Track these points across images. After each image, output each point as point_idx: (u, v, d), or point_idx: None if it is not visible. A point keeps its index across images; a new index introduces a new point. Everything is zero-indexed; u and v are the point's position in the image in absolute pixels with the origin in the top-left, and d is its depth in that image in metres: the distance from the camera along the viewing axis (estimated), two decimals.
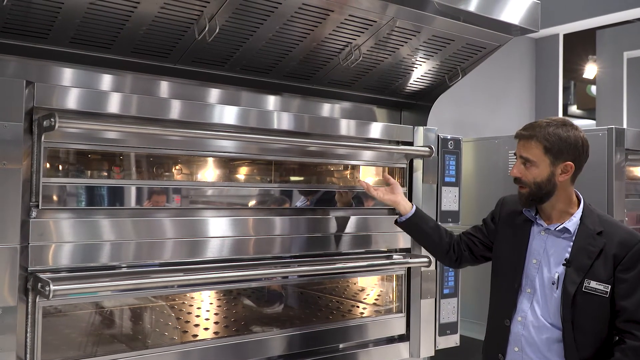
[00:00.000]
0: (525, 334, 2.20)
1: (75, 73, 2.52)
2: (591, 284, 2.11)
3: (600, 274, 2.11)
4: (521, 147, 2.20)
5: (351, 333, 2.93)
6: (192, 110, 2.46)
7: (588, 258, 2.13)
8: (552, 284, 2.18)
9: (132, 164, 2.60)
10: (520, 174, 2.19)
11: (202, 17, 2.38)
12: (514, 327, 2.24)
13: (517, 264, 2.26)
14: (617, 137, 3.78)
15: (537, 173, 2.16)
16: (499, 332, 2.29)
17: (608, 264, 2.11)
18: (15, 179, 2.04)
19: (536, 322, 2.19)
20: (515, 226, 2.33)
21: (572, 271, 2.13)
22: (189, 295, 3.04)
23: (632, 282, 2.10)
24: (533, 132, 2.18)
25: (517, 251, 2.28)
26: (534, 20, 2.96)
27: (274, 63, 2.82)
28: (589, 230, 2.17)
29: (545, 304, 2.19)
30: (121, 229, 2.28)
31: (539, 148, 2.15)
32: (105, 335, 2.61)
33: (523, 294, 2.25)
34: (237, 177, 3.06)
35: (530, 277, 2.24)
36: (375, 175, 3.34)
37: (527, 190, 2.19)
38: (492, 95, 5.42)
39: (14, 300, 2.03)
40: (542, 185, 2.16)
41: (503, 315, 2.28)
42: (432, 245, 2.60)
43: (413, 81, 3.27)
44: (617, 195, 3.77)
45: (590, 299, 2.11)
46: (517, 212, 2.34)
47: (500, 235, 2.39)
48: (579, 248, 2.16)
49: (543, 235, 2.25)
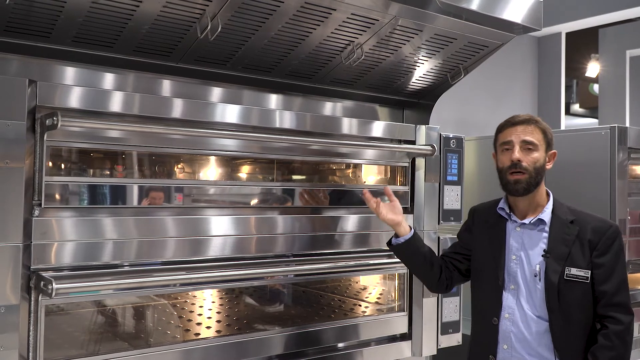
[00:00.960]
0: (515, 330, 2.22)
1: (78, 72, 2.52)
2: (572, 271, 2.16)
3: (579, 260, 2.16)
4: (522, 132, 2.23)
5: (353, 332, 2.93)
6: (194, 109, 2.47)
7: (565, 246, 2.18)
8: (534, 276, 2.21)
9: (135, 162, 2.60)
10: (522, 158, 2.20)
11: (204, 15, 2.38)
12: (502, 325, 2.26)
13: (497, 263, 2.29)
14: (620, 136, 3.78)
15: (537, 157, 2.22)
16: (486, 332, 2.30)
17: (585, 250, 2.17)
18: (18, 177, 2.04)
19: (524, 317, 2.21)
20: (491, 228, 2.36)
21: (552, 261, 2.18)
22: (191, 293, 3.04)
23: (608, 266, 2.15)
24: (531, 118, 2.26)
25: (496, 250, 2.30)
26: (537, 18, 2.96)
27: (276, 62, 2.82)
28: (562, 219, 2.23)
29: (531, 298, 2.21)
30: (123, 228, 2.29)
31: (539, 133, 2.24)
32: (108, 334, 2.61)
33: (507, 291, 2.27)
34: (239, 175, 3.07)
35: (512, 273, 2.26)
36: (377, 174, 3.34)
37: (526, 176, 2.20)
38: (494, 94, 5.41)
39: (17, 299, 2.03)
40: (540, 171, 2.22)
41: (490, 315, 2.29)
42: (425, 272, 2.49)
43: (415, 80, 3.27)
44: (619, 193, 3.76)
45: (573, 286, 2.15)
46: (490, 215, 2.38)
47: (478, 240, 2.41)
48: (555, 238, 2.21)
49: (519, 231, 2.28)
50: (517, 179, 2.21)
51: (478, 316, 2.38)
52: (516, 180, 2.21)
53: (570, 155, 4.07)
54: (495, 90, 5.41)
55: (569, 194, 4.04)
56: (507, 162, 2.24)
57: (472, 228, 2.47)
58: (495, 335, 2.26)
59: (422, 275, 2.55)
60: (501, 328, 2.26)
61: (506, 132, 2.27)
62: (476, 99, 5.17)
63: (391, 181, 3.24)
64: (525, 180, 2.20)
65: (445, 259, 2.52)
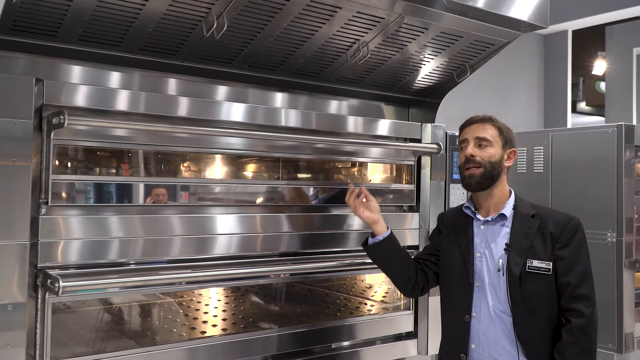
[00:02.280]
0: (482, 329, 2.23)
1: (84, 70, 2.53)
2: (534, 263, 2.18)
3: (541, 253, 2.18)
4: (475, 129, 2.30)
5: (359, 330, 2.93)
6: (200, 107, 2.47)
7: (526, 239, 2.21)
8: (497, 271, 2.22)
9: (141, 161, 2.61)
10: (475, 154, 2.26)
11: (210, 14, 2.38)
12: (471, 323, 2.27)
13: (465, 261, 2.31)
14: (627, 134, 3.76)
15: (492, 152, 2.27)
16: (458, 330, 2.30)
17: (547, 242, 2.19)
18: (25, 176, 2.05)
19: (489, 314, 2.22)
20: (458, 228, 2.38)
21: (514, 254, 2.20)
22: (197, 292, 3.05)
23: (570, 259, 2.18)
24: (487, 117, 2.34)
25: (464, 249, 2.33)
26: (543, 16, 2.95)
27: (282, 60, 2.82)
28: (523, 214, 2.26)
29: (495, 294, 2.22)
30: (129, 226, 2.29)
31: (494, 130, 2.30)
32: (114, 332, 2.62)
33: (473, 288, 2.28)
34: (244, 174, 3.07)
35: (477, 271, 2.28)
36: (383, 172, 3.34)
37: (481, 170, 2.25)
38: (500, 92, 5.40)
39: (24, 297, 2.04)
40: (495, 166, 2.26)
41: (461, 313, 2.29)
42: (401, 274, 2.44)
43: (421, 78, 3.26)
44: (626, 192, 3.75)
45: (536, 279, 2.17)
46: (457, 216, 2.42)
47: (446, 241, 2.43)
48: (516, 232, 2.23)
49: (483, 228, 2.31)
50: (471, 173, 2.27)
51: (448, 316, 2.38)
52: (470, 175, 2.27)
53: (577, 153, 4.06)
54: (501, 89, 5.40)
55: (575, 193, 4.04)
56: (462, 158, 2.32)
57: (441, 229, 2.48)
58: (467, 334, 2.26)
59: (397, 278, 2.48)
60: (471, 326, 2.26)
61: (464, 132, 2.35)
62: (482, 97, 5.16)
63: (397, 179, 3.24)
64: (480, 174, 2.25)
65: (420, 261, 2.49)
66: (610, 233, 3.75)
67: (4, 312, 2.00)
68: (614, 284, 3.75)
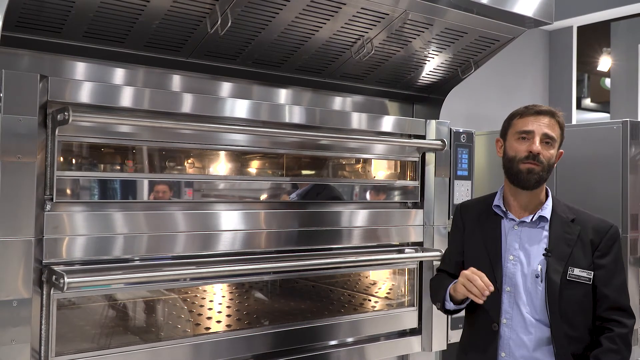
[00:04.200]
0: (514, 337, 2.08)
1: (89, 67, 2.53)
2: (575, 272, 2.04)
3: (581, 261, 2.06)
4: (544, 123, 2.07)
5: (363, 327, 2.93)
6: (204, 103, 2.47)
7: (567, 246, 2.07)
8: (535, 277, 2.07)
9: (145, 157, 2.61)
10: (541, 152, 2.06)
11: (214, 10, 2.38)
12: (501, 330, 2.10)
13: (494, 264, 2.12)
14: (632, 130, 3.75)
15: (553, 154, 2.09)
16: (485, 338, 2.13)
17: (586, 250, 2.07)
18: (30, 172, 2.05)
19: (522, 322, 2.07)
20: (484, 226, 2.20)
21: (554, 260, 2.05)
22: (201, 288, 3.05)
23: (610, 268, 2.06)
24: (552, 110, 2.11)
25: (492, 250, 2.14)
26: (548, 12, 2.93)
27: (286, 56, 2.82)
28: (562, 218, 2.11)
29: (530, 301, 2.07)
30: (134, 222, 2.30)
31: (559, 128, 2.11)
32: (119, 328, 2.63)
33: (504, 294, 2.11)
34: (248, 170, 3.07)
35: (509, 274, 2.11)
36: (387, 169, 3.33)
37: (540, 168, 2.06)
38: (505, 88, 5.38)
39: (29, 293, 2.05)
40: (551, 167, 2.09)
41: (489, 320, 2.11)
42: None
43: (425, 74, 3.25)
44: (631, 188, 3.73)
45: (575, 288, 2.04)
46: (482, 211, 2.23)
47: (470, 239, 2.24)
48: (556, 237, 2.09)
49: (517, 229, 2.13)
50: (530, 168, 2.05)
51: (473, 321, 2.19)
52: (529, 170, 2.05)
53: (582, 150, 4.04)
54: (506, 85, 5.38)
55: (580, 190, 4.03)
56: (523, 152, 2.07)
57: (464, 226, 2.28)
58: (495, 342, 2.10)
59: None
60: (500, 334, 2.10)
61: (527, 120, 2.09)
62: (487, 94, 5.15)
63: (401, 176, 3.23)
64: (539, 172, 2.05)
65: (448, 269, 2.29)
66: None
67: (9, 308, 2.01)
68: None
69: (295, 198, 2.79)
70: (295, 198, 2.79)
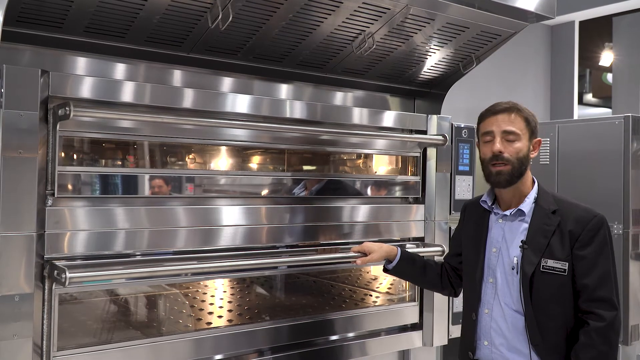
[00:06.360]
0: (494, 326, 2.14)
1: (90, 62, 2.53)
2: (549, 263, 2.06)
3: (558, 252, 2.06)
4: (502, 121, 2.12)
5: (364, 322, 2.94)
6: (205, 99, 2.47)
7: (544, 237, 2.08)
8: (512, 268, 2.12)
9: (146, 152, 2.61)
10: (503, 150, 2.10)
11: (215, 5, 2.38)
12: (482, 320, 2.18)
13: (478, 256, 2.22)
14: (634, 125, 3.75)
15: (520, 147, 2.11)
16: (466, 326, 2.24)
17: (565, 241, 2.07)
18: (31, 167, 2.05)
19: (501, 312, 2.13)
20: (476, 221, 2.29)
21: (530, 252, 2.08)
22: (202, 283, 3.06)
23: (591, 259, 2.04)
24: (512, 105, 2.14)
25: (477, 243, 2.24)
26: (550, 7, 2.92)
27: (287, 51, 2.81)
28: (544, 210, 2.13)
29: (508, 291, 2.12)
30: (135, 218, 2.30)
31: (521, 121, 2.13)
32: (120, 323, 2.63)
33: (486, 284, 2.18)
34: (249, 165, 3.07)
35: (491, 266, 2.18)
36: (388, 164, 3.33)
37: (509, 167, 2.10)
38: (506, 83, 5.37)
39: (31, 288, 2.05)
40: (523, 161, 2.11)
41: (470, 309, 2.22)
42: (427, 283, 2.52)
43: (427, 69, 3.25)
44: (633, 183, 3.73)
45: (550, 279, 2.06)
46: (476, 208, 2.31)
47: (465, 232, 2.36)
48: (535, 229, 2.11)
49: (501, 222, 2.20)
50: (499, 170, 2.11)
51: (463, 311, 2.31)
52: (498, 172, 2.11)
53: (584, 145, 4.04)
54: (507, 80, 5.38)
55: (582, 184, 4.02)
56: (488, 153, 2.14)
57: (463, 221, 2.40)
58: (474, 331, 2.19)
59: (429, 287, 2.65)
60: (481, 324, 2.18)
61: (487, 122, 2.16)
62: (488, 88, 5.14)
63: (402, 171, 3.23)
64: (508, 172, 2.10)
65: (446, 266, 2.45)
66: (616, 225, 3.73)
67: (11, 303, 2.02)
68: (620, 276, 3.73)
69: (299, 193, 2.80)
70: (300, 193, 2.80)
